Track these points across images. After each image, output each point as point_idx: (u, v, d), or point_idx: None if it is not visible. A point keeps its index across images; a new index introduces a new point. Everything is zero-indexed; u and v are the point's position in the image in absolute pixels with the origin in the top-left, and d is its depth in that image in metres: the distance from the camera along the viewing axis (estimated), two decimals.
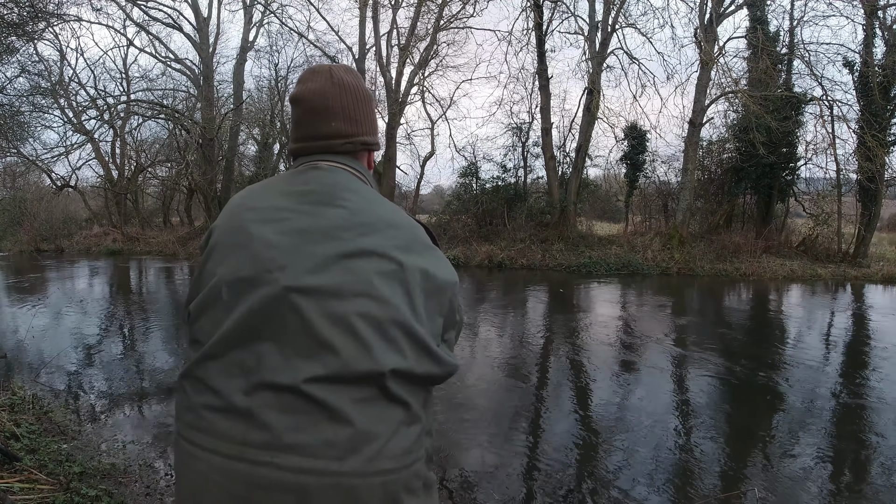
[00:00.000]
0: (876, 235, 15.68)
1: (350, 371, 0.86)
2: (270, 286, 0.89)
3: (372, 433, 0.87)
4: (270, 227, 0.94)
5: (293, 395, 0.85)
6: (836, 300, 10.49)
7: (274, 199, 0.98)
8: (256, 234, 0.93)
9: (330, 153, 1.05)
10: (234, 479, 0.84)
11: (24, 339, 6.40)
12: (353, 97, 1.06)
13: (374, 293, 0.90)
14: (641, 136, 16.99)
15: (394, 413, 0.90)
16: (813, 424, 4.17)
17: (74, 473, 2.83)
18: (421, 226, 1.05)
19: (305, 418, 0.84)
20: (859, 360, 6.16)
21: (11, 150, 16.69)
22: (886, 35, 13.53)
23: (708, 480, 3.28)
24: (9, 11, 6.52)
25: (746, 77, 14.69)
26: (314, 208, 0.96)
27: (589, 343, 6.63)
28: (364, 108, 1.08)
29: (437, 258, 1.01)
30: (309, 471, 0.83)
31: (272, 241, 0.92)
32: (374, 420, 0.87)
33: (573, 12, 15.59)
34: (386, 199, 1.05)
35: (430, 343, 0.95)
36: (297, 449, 0.83)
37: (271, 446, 0.83)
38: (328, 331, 0.87)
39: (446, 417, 4.22)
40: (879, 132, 12.99)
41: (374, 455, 0.86)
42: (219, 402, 0.87)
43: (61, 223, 20.63)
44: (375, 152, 1.15)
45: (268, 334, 0.88)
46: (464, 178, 17.79)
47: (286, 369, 0.86)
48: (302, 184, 1.00)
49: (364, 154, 1.10)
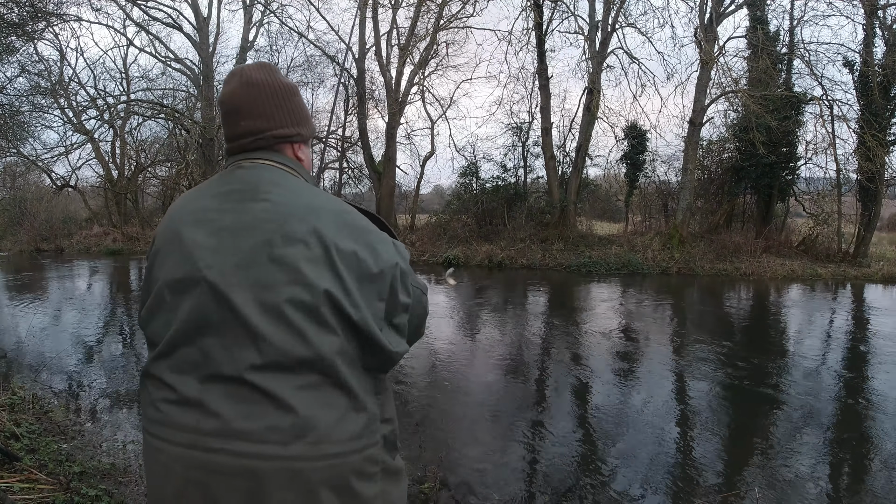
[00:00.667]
0: (876, 235, 15.68)
1: (287, 358, 0.90)
2: (203, 284, 0.94)
3: (315, 419, 0.90)
4: (200, 228, 0.99)
5: (239, 385, 0.90)
6: (836, 300, 10.49)
7: (203, 202, 1.03)
8: (187, 236, 0.98)
9: (247, 151, 1.07)
10: (191, 467, 0.90)
11: (24, 339, 6.41)
12: (261, 93, 1.06)
13: (302, 280, 0.92)
14: (641, 136, 16.99)
15: (338, 399, 0.94)
16: (812, 424, 4.17)
17: (74, 473, 2.83)
18: (359, 211, 1.07)
19: (252, 406, 0.89)
20: (859, 359, 6.16)
21: (11, 150, 16.70)
22: (886, 35, 13.53)
23: (707, 481, 3.28)
24: (9, 11, 6.52)
25: (746, 77, 14.68)
26: (238, 205, 0.99)
27: (589, 343, 6.63)
28: (276, 101, 1.07)
29: (373, 242, 1.00)
30: (258, 455, 0.88)
31: (201, 241, 0.97)
32: (316, 406, 0.91)
33: (573, 12, 15.60)
34: (316, 189, 1.06)
35: (368, 327, 0.96)
36: (246, 435, 0.88)
37: (222, 433, 0.89)
38: (260, 320, 0.90)
39: (446, 418, 4.22)
40: (879, 132, 12.98)
41: (318, 440, 0.90)
42: (174, 396, 0.93)
43: (61, 223, 20.64)
44: (304, 142, 1.13)
45: (209, 330, 0.93)
46: (464, 177, 17.80)
47: (229, 361, 0.91)
48: (227, 184, 1.03)
49: (286, 146, 1.10)
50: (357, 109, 18.92)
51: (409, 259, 1.09)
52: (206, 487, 0.88)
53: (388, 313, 1.02)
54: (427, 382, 5.07)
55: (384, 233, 1.06)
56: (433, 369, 5.42)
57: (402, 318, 1.05)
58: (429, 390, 4.87)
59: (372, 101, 19.07)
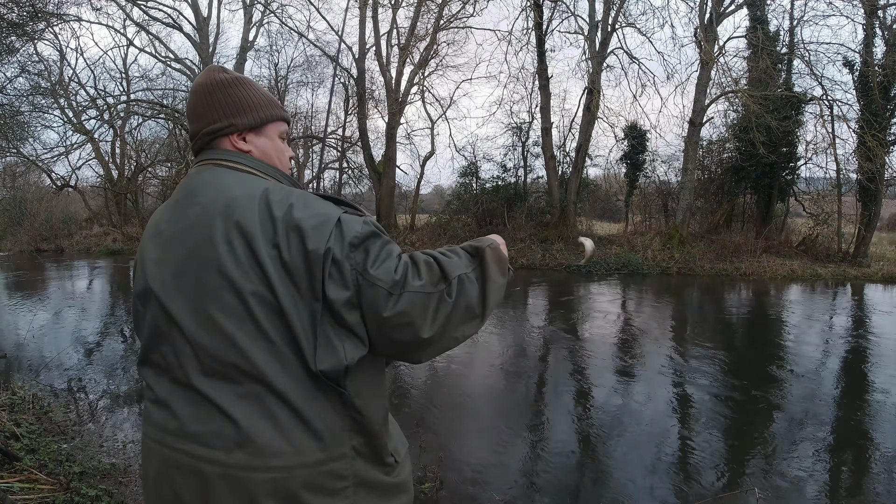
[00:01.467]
0: (876, 235, 15.68)
1: (223, 366, 0.90)
2: (152, 296, 0.97)
3: (253, 430, 0.88)
4: (153, 240, 1.02)
5: (192, 390, 0.92)
6: (836, 300, 10.49)
7: (160, 213, 1.05)
8: (145, 248, 1.03)
9: (196, 156, 1.09)
10: (161, 461, 0.95)
11: (24, 339, 6.40)
12: (197, 96, 1.06)
13: (230, 283, 0.89)
14: (641, 136, 16.99)
15: (280, 410, 0.89)
16: (812, 424, 4.17)
17: (74, 473, 2.83)
18: (298, 189, 0.96)
19: (202, 411, 0.91)
20: (859, 360, 6.16)
21: (11, 150, 16.68)
22: (886, 34, 13.53)
23: (707, 480, 3.28)
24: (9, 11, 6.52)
25: (746, 77, 14.68)
26: (178, 213, 1.00)
27: (588, 343, 6.63)
28: (208, 99, 1.05)
29: (299, 221, 0.88)
30: (205, 459, 0.89)
31: (150, 254, 1.00)
32: (255, 417, 0.88)
33: (573, 12, 15.60)
34: (243, 176, 0.99)
35: (300, 333, 0.87)
36: (197, 438, 0.91)
37: (180, 434, 0.92)
38: (194, 328, 0.91)
39: (447, 418, 4.22)
40: (879, 132, 12.98)
41: (258, 452, 0.88)
42: (153, 395, 0.99)
43: (61, 223, 20.63)
44: (246, 130, 1.06)
45: (163, 338, 0.96)
46: (464, 177, 17.80)
47: (179, 368, 0.94)
48: (177, 193, 1.04)
49: (222, 140, 1.05)
50: (357, 109, 18.92)
51: (365, 235, 0.90)
52: (172, 481, 0.93)
53: (340, 312, 0.88)
54: (427, 382, 5.07)
55: (322, 208, 0.91)
56: (433, 369, 5.42)
57: (354, 315, 0.89)
58: (429, 390, 4.87)
59: (372, 101, 19.09)
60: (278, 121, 1.10)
